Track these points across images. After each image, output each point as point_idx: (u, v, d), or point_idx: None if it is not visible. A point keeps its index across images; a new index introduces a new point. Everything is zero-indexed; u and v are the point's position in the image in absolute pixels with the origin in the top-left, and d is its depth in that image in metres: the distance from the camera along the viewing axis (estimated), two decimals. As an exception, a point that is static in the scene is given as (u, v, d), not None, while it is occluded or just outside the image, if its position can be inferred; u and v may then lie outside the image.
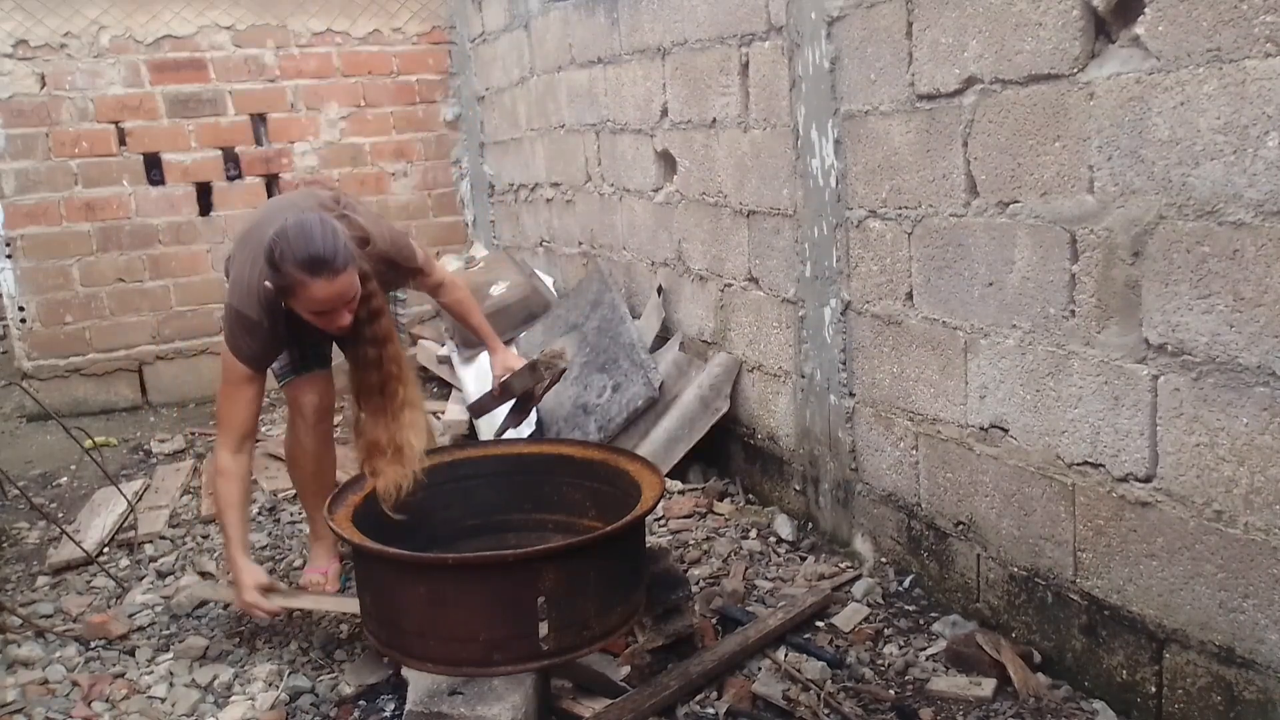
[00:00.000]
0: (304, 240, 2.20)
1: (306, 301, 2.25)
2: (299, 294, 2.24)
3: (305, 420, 2.74)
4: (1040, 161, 2.03)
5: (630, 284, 4.03)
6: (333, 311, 2.28)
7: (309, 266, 2.20)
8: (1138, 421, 1.90)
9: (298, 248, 2.20)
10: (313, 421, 2.75)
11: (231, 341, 2.45)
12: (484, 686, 1.99)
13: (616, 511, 2.14)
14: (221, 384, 2.52)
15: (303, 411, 2.73)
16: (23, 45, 4.81)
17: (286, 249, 2.21)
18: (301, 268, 2.20)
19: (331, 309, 2.27)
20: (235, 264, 2.52)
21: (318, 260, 2.20)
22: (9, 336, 5.05)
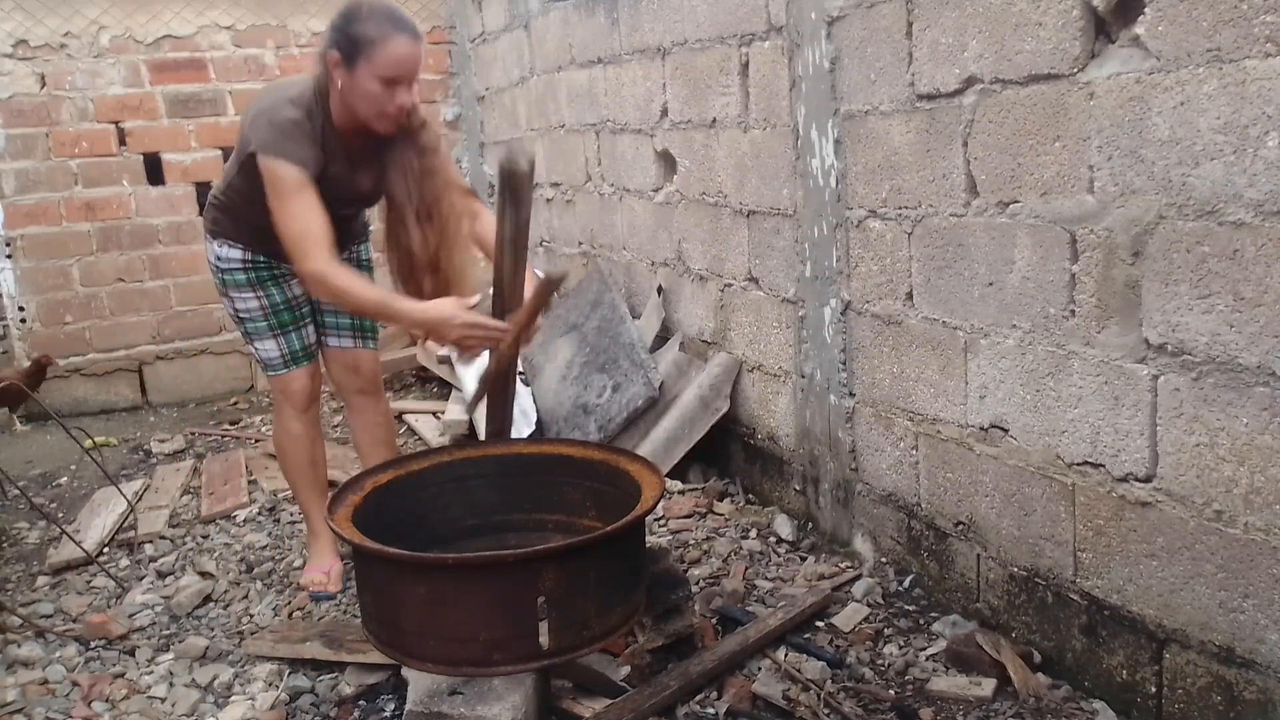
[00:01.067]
0: (387, 5, 2.29)
1: (384, 59, 2.23)
2: (378, 49, 2.23)
3: (295, 406, 2.79)
4: (1040, 161, 2.03)
5: (630, 284, 4.03)
6: (401, 83, 2.27)
7: (394, 21, 2.25)
8: (1138, 421, 1.90)
9: (382, 9, 2.26)
10: (302, 406, 2.80)
11: (275, 149, 2.31)
12: (484, 686, 1.99)
13: (616, 511, 2.13)
14: (276, 203, 2.32)
15: (292, 399, 2.78)
16: (23, 45, 4.81)
17: (371, 9, 2.25)
18: (388, 21, 2.24)
19: (405, 76, 2.27)
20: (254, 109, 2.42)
21: (402, 18, 2.27)
22: (9, 336, 5.05)
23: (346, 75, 2.29)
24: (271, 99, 2.41)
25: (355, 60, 2.26)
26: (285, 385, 2.78)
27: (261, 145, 2.32)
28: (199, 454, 4.39)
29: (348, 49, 2.27)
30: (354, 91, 2.31)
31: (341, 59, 2.28)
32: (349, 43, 2.26)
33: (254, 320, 2.72)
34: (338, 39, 2.28)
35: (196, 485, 3.92)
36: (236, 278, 2.68)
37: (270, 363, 2.76)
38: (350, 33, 2.25)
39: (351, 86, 2.30)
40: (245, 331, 2.76)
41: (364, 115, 2.35)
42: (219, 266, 2.69)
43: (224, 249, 2.66)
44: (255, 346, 2.76)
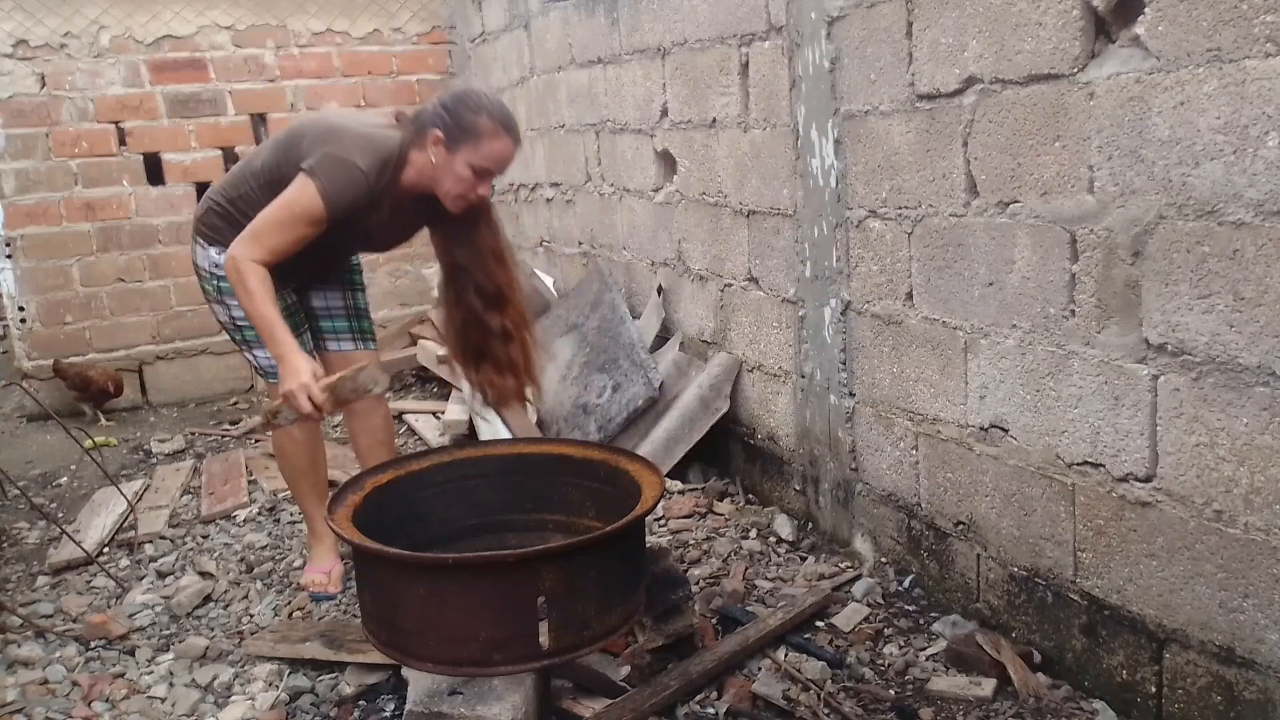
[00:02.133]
0: (503, 104, 2.41)
1: (486, 154, 2.34)
2: (483, 144, 2.33)
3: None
4: (1040, 161, 2.03)
5: (630, 284, 4.03)
6: (488, 177, 2.39)
7: (507, 124, 2.37)
8: (1138, 421, 1.90)
9: (496, 105, 2.38)
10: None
11: (323, 181, 2.33)
12: (484, 686, 1.99)
13: (616, 511, 2.14)
14: (282, 208, 2.34)
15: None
16: (23, 45, 4.81)
17: (486, 103, 2.36)
18: (500, 122, 2.35)
19: (494, 172, 2.40)
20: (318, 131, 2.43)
21: (513, 123, 2.39)
22: (9, 336, 5.05)
23: (444, 154, 2.36)
24: (347, 132, 2.40)
25: (458, 145, 2.34)
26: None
27: (316, 168, 2.34)
28: (199, 454, 4.39)
29: (455, 132, 2.34)
30: (445, 171, 2.38)
31: (445, 139, 2.35)
32: (458, 127, 2.34)
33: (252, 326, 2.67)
34: (446, 121, 2.35)
35: (196, 485, 3.92)
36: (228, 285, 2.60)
37: (272, 369, 2.68)
38: (462, 119, 2.33)
39: (445, 166, 2.37)
40: (243, 339, 2.69)
41: (443, 192, 2.42)
42: (214, 273, 2.62)
43: (220, 254, 2.58)
44: (255, 353, 2.69)
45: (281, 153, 2.48)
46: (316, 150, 2.37)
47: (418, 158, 2.41)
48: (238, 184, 2.59)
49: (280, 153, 2.49)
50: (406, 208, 2.53)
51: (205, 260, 2.65)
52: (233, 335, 2.73)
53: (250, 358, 2.73)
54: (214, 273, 2.63)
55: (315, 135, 2.42)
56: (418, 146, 2.40)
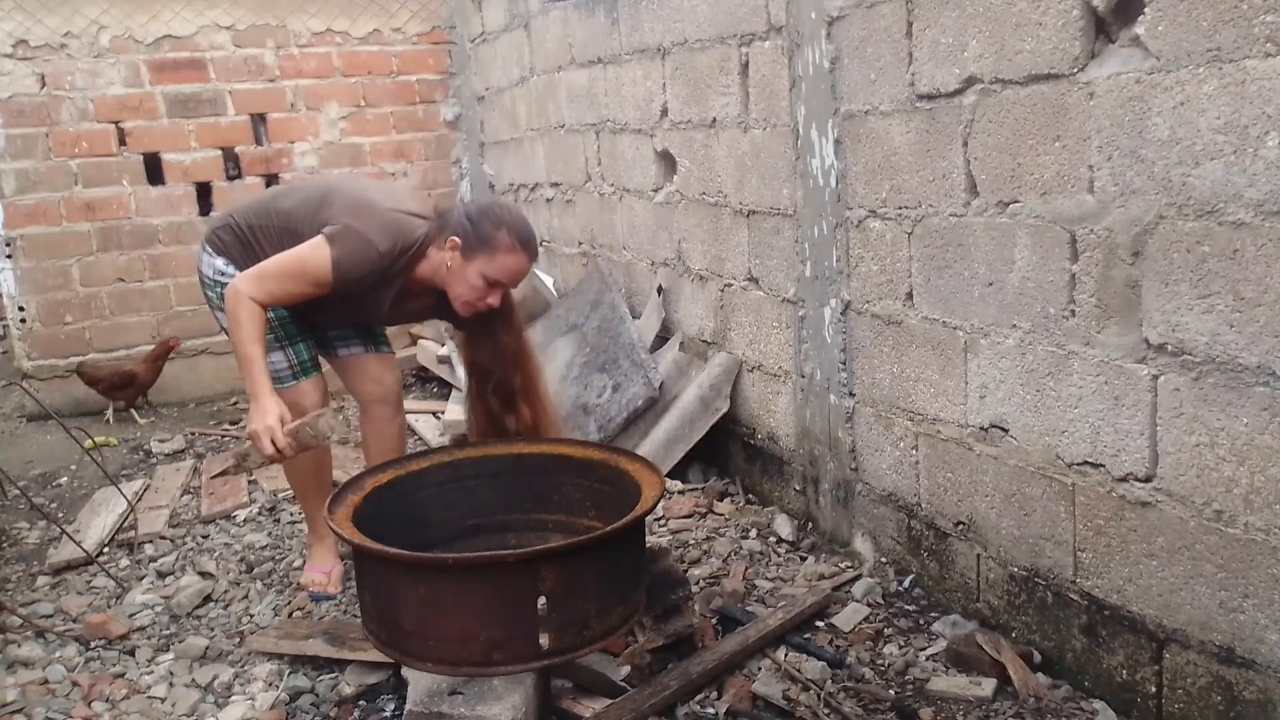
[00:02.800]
0: (525, 220, 2.49)
1: (500, 267, 2.42)
2: (498, 257, 2.41)
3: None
4: (1040, 161, 2.03)
5: (630, 284, 4.03)
6: (499, 288, 2.47)
7: (525, 241, 2.44)
8: (1138, 421, 1.90)
9: (521, 222, 2.46)
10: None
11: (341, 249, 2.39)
12: (484, 686, 1.99)
13: (616, 511, 2.14)
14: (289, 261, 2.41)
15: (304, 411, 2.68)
16: (23, 45, 4.81)
17: (510, 218, 2.45)
18: (518, 238, 2.42)
19: (505, 285, 2.48)
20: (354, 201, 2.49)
21: (532, 241, 2.47)
22: (9, 336, 5.05)
23: (459, 261, 2.44)
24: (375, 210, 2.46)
25: (474, 254, 2.42)
26: (298, 398, 2.67)
27: (334, 237, 2.41)
28: (199, 454, 4.39)
29: (473, 241, 2.42)
30: (458, 276, 2.46)
31: (462, 247, 2.43)
32: (477, 238, 2.41)
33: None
34: (467, 229, 2.43)
35: (196, 485, 3.92)
36: None
37: (279, 375, 2.66)
38: (482, 231, 2.41)
39: (459, 272, 2.46)
40: None
41: (453, 296, 2.52)
42: (219, 280, 2.63)
43: (227, 266, 2.64)
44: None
45: (310, 207, 2.55)
46: (342, 219, 2.44)
47: (435, 255, 2.49)
48: (261, 214, 2.64)
49: (308, 206, 2.56)
50: (414, 295, 2.60)
51: (210, 268, 2.68)
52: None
53: None
54: (218, 280, 2.65)
55: (346, 204, 2.49)
56: (438, 245, 2.48)
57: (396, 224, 2.46)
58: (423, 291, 2.60)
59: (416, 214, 2.52)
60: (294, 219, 2.56)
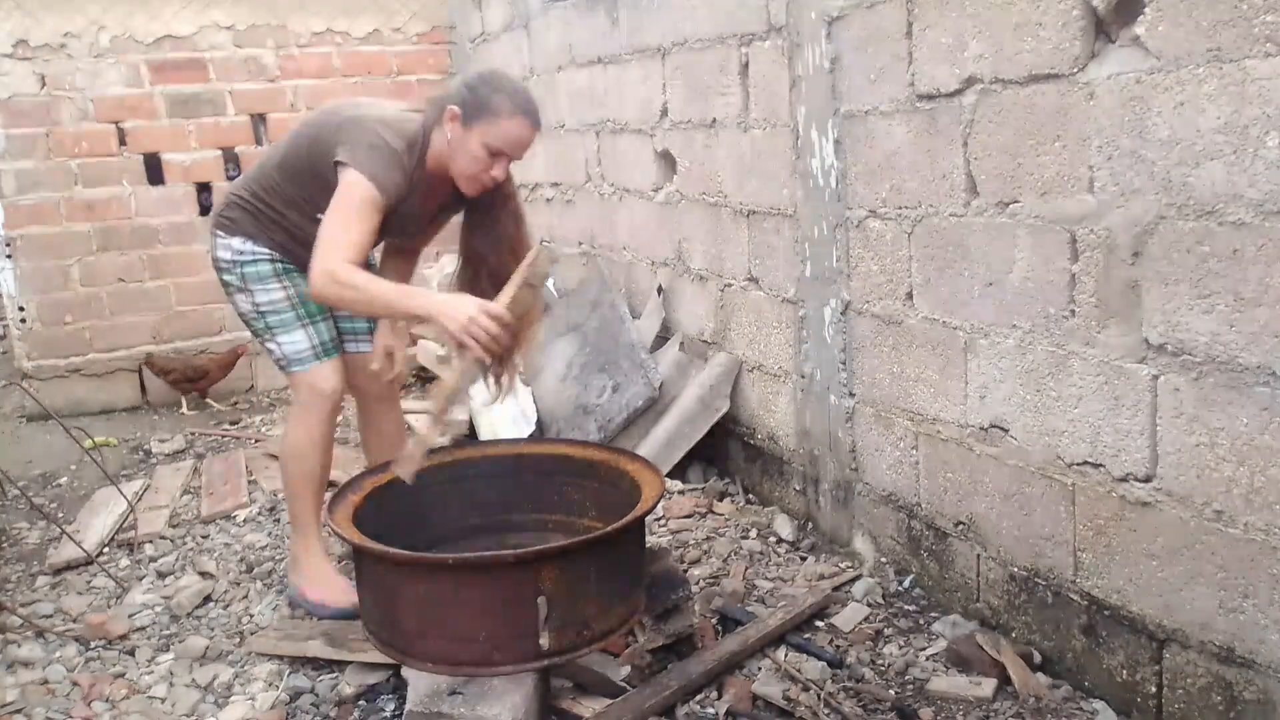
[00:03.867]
0: (525, 87, 2.40)
1: (501, 133, 2.31)
2: (501, 122, 2.30)
3: (324, 406, 2.62)
4: (1040, 161, 2.03)
5: (630, 284, 4.03)
6: (503, 159, 2.36)
7: (526, 106, 2.33)
8: (1138, 421, 1.90)
9: (518, 87, 2.37)
10: (335, 405, 2.66)
11: (368, 168, 2.29)
12: (484, 686, 1.99)
13: (616, 511, 2.14)
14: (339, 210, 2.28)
15: (325, 397, 2.61)
16: (23, 45, 4.80)
17: (507, 84, 2.35)
18: (518, 104, 2.32)
19: (508, 154, 2.36)
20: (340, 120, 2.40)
21: (533, 106, 2.35)
22: (9, 336, 5.05)
23: (460, 131, 2.34)
24: (369, 118, 2.38)
25: (473, 122, 2.32)
26: (317, 381, 2.60)
27: (354, 159, 2.30)
28: (199, 454, 4.39)
29: (472, 109, 2.32)
30: (459, 148, 2.36)
31: (461, 115, 2.33)
32: (475, 104, 2.32)
33: (279, 312, 2.59)
34: (464, 97, 2.34)
35: (196, 485, 3.92)
36: (260, 268, 2.58)
37: (298, 356, 2.59)
38: (480, 96, 2.32)
39: (459, 143, 2.35)
40: (266, 326, 2.61)
41: (456, 171, 2.40)
42: (239, 260, 2.57)
43: (247, 244, 2.57)
44: (278, 342, 2.60)
45: (305, 142, 2.48)
46: (345, 142, 2.34)
47: (438, 138, 2.40)
48: (259, 177, 2.59)
49: (303, 142, 2.48)
50: (435, 191, 2.50)
51: (227, 251, 2.59)
52: (254, 324, 2.65)
53: (274, 346, 2.63)
54: (238, 260, 2.57)
55: (339, 125, 2.39)
56: (437, 126, 2.39)
57: (393, 121, 2.38)
58: (439, 186, 2.48)
59: (408, 110, 2.47)
60: (294, 160, 2.50)
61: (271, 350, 2.65)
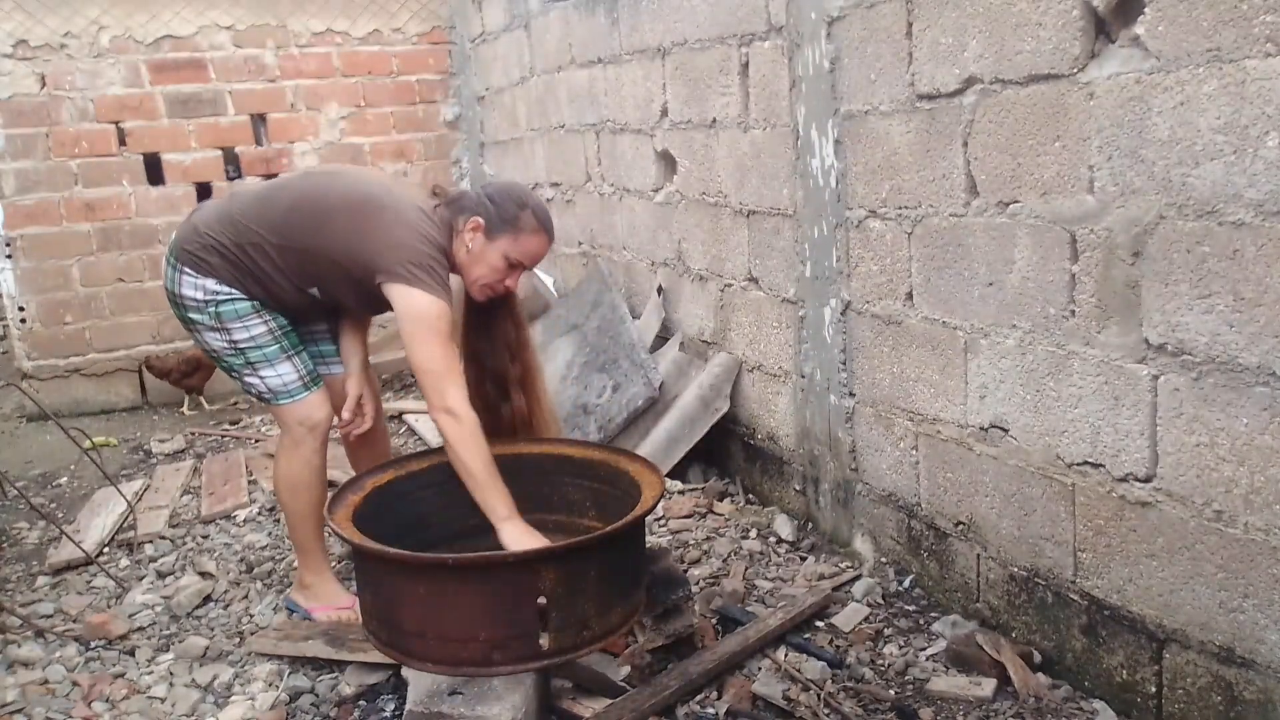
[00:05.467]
0: (542, 201, 2.48)
1: (524, 248, 2.38)
2: (524, 238, 2.37)
3: (318, 436, 2.58)
4: (1040, 161, 2.03)
5: (630, 284, 4.03)
6: (520, 270, 2.43)
7: (547, 222, 2.42)
8: (1138, 421, 1.90)
9: (539, 203, 2.44)
10: (325, 435, 2.61)
11: (436, 289, 2.28)
12: (484, 686, 1.99)
13: (616, 511, 2.14)
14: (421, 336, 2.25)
15: (317, 427, 2.58)
16: (23, 45, 4.81)
17: (530, 199, 2.43)
18: (540, 221, 2.40)
19: (526, 267, 2.44)
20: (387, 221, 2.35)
21: (551, 222, 2.45)
22: (9, 336, 5.05)
23: (481, 242, 2.37)
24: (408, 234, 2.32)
25: (498, 235, 2.36)
26: (308, 412, 2.55)
27: (418, 280, 2.27)
28: (199, 454, 4.39)
29: (496, 222, 2.36)
30: (478, 258, 2.38)
31: (485, 228, 2.36)
32: (500, 218, 2.36)
33: (262, 346, 2.50)
34: (489, 210, 2.37)
35: (196, 485, 3.92)
36: (238, 307, 2.46)
37: (288, 389, 2.53)
38: (504, 210, 2.37)
39: (480, 254, 2.38)
40: (247, 362, 2.51)
41: (471, 279, 2.42)
42: (213, 299, 2.45)
43: (218, 285, 2.45)
44: (261, 376, 2.51)
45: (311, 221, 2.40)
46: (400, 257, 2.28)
47: (454, 243, 2.40)
48: (241, 230, 2.44)
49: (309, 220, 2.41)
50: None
51: (198, 291, 2.46)
52: (229, 361, 2.53)
53: (255, 380, 2.53)
54: (212, 299, 2.45)
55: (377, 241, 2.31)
56: (455, 231, 2.39)
57: (429, 231, 2.35)
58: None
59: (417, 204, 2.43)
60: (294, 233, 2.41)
61: (253, 385, 2.55)
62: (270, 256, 2.43)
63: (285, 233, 2.43)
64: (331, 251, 2.39)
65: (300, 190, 2.50)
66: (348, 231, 2.36)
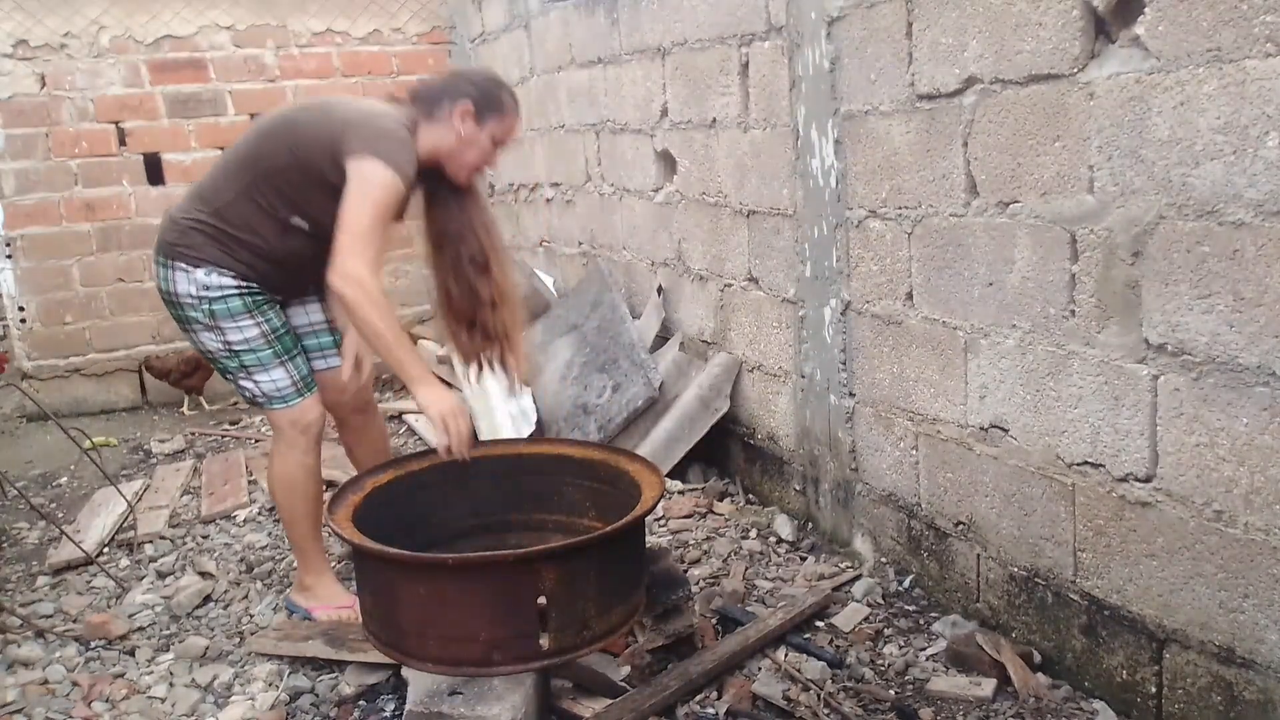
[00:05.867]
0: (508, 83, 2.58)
1: (507, 128, 2.48)
2: (508, 119, 2.48)
3: (311, 437, 2.58)
4: (1040, 161, 2.03)
5: (630, 284, 4.03)
6: (500, 149, 2.51)
7: (516, 105, 2.52)
8: (1138, 421, 1.90)
9: (509, 85, 2.55)
10: (318, 435, 2.61)
11: (391, 156, 2.27)
12: (484, 686, 1.99)
13: (616, 511, 2.14)
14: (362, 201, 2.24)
15: (309, 431, 2.58)
16: (23, 45, 4.81)
17: (503, 81, 2.56)
18: (516, 101, 2.52)
19: (506, 146, 2.53)
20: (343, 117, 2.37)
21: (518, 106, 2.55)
22: (9, 336, 5.05)
23: (473, 127, 2.42)
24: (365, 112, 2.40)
25: (486, 118, 2.43)
26: (301, 417, 2.55)
27: (374, 149, 2.28)
28: (199, 454, 4.39)
29: (485, 106, 2.43)
30: (470, 141, 2.44)
31: (475, 112, 2.42)
32: (488, 102, 2.44)
33: (255, 350, 2.48)
34: (477, 94, 2.43)
35: (196, 485, 3.92)
36: (231, 305, 2.45)
37: (281, 394, 2.52)
38: (493, 95, 2.45)
39: (472, 137, 2.43)
40: (241, 365, 2.50)
41: (461, 164, 2.46)
42: (206, 296, 2.45)
43: (212, 276, 2.45)
44: (255, 380, 2.51)
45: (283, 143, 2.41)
46: (358, 134, 2.30)
47: (430, 132, 2.42)
48: (213, 197, 2.47)
49: (280, 143, 2.41)
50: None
51: (191, 285, 2.47)
52: (224, 363, 2.53)
53: (249, 385, 2.52)
54: (205, 295, 2.46)
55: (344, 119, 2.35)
56: (433, 120, 2.42)
57: (389, 113, 2.40)
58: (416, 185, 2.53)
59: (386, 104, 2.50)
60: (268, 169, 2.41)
61: (247, 389, 2.54)
62: (246, 208, 2.44)
63: (258, 161, 2.44)
64: (307, 152, 2.37)
65: (265, 124, 2.55)
66: (317, 126, 2.40)
